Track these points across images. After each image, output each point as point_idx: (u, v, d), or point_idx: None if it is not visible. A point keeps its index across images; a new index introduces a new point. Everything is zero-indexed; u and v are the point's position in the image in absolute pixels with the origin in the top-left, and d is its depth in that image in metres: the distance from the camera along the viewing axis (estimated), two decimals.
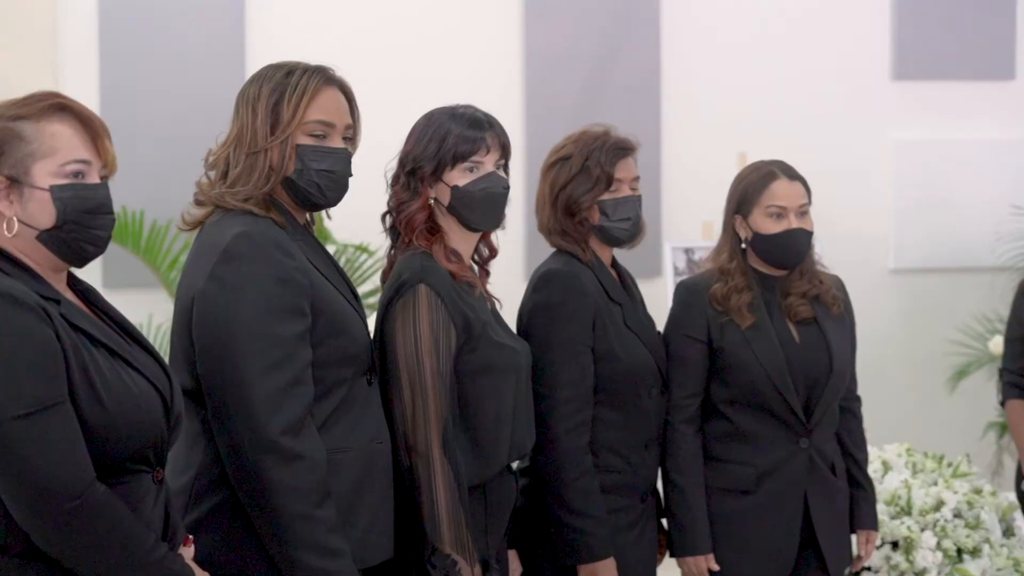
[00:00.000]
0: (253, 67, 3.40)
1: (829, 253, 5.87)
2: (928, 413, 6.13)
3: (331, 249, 5.07)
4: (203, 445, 2.46)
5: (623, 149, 3.15)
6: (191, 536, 2.32)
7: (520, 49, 5.99)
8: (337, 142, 2.58)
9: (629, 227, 3.15)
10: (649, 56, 6.16)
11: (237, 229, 2.44)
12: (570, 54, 6.03)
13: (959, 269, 6.25)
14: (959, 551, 3.76)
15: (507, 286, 3.18)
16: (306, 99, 2.52)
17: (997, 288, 5.78)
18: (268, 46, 5.40)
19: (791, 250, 3.25)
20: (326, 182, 2.57)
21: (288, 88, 2.52)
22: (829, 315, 3.31)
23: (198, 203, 2.57)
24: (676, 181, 6.04)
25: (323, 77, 2.56)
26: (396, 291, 2.75)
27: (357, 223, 3.70)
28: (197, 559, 2.29)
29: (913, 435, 5.46)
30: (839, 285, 3.40)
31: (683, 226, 5.81)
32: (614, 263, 3.25)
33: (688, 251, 5.33)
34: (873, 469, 3.97)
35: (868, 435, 4.54)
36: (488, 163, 2.82)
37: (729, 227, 3.32)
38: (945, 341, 5.99)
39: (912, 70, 6.39)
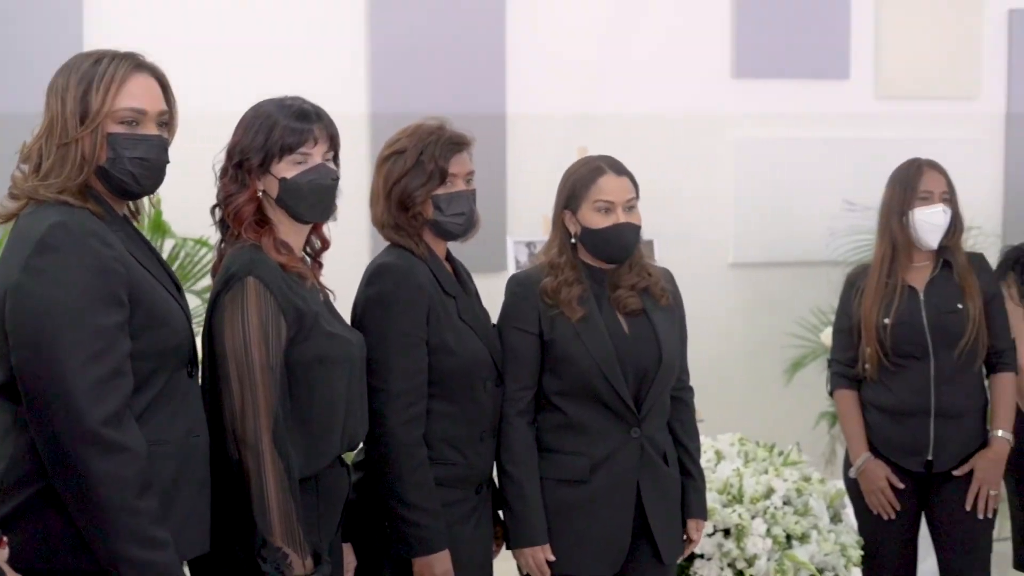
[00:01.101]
0: None
1: (671, 248, 6.04)
2: (766, 404, 6.26)
3: (170, 243, 5.00)
4: (13, 438, 2.41)
5: (457, 144, 3.16)
6: (4, 538, 2.26)
7: (364, 43, 5.95)
8: (150, 129, 2.55)
9: (463, 222, 3.17)
10: (494, 51, 6.18)
11: (52, 219, 2.40)
12: (415, 48, 6.01)
13: (796, 263, 6.40)
14: (788, 537, 3.85)
15: (354, 281, 3.17)
16: (115, 86, 2.49)
17: (831, 282, 5.92)
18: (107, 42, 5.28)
19: (619, 244, 3.29)
20: (140, 170, 2.53)
21: (96, 76, 2.49)
22: (658, 307, 3.36)
23: (12, 196, 2.52)
24: (520, 176, 6.08)
25: (132, 63, 2.53)
26: (224, 284, 2.73)
27: (197, 217, 3.65)
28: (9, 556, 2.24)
29: (751, 425, 5.57)
30: (668, 277, 3.45)
31: (527, 220, 5.85)
32: (449, 256, 3.27)
33: (530, 245, 5.36)
34: (707, 459, 4.05)
35: (709, 425, 4.65)
36: (316, 155, 2.81)
37: (559, 222, 3.35)
38: (782, 334, 6.12)
39: (751, 69, 6.52)
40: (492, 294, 3.40)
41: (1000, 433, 3.88)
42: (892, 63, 6.70)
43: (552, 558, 3.26)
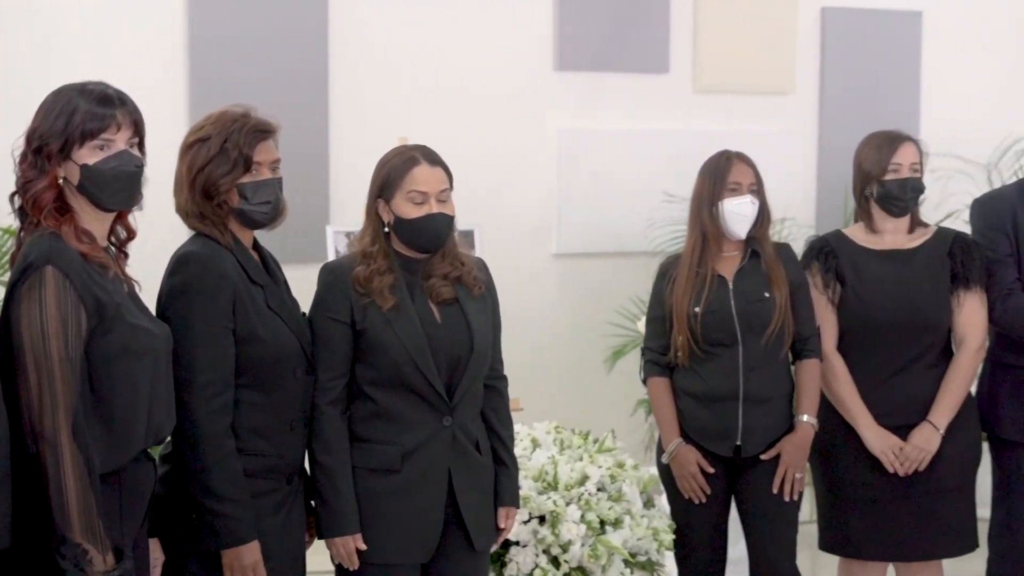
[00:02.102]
0: None
1: (493, 238, 6.07)
2: (588, 392, 6.35)
3: None
4: None
5: (263, 131, 3.13)
6: None
7: (183, 32, 5.85)
8: None
9: (269, 210, 3.14)
10: (316, 40, 6.13)
11: None
12: (235, 38, 5.94)
13: (617, 254, 6.49)
14: (602, 523, 3.90)
15: None
16: None
17: (651, 272, 6.02)
18: None
19: (432, 234, 3.30)
20: None
21: None
22: (471, 296, 3.38)
23: None
24: (342, 165, 6.05)
25: None
26: (22, 273, 2.66)
27: (4, 206, 3.56)
28: None
29: (574, 413, 5.65)
30: (481, 267, 3.47)
31: (350, 210, 5.82)
32: (256, 245, 3.23)
33: (349, 235, 5.33)
34: (522, 447, 4.08)
35: (531, 414, 4.69)
36: (119, 141, 2.76)
37: (372, 211, 3.35)
38: (604, 323, 6.21)
39: (573, 61, 6.59)
40: (311, 284, 3.38)
41: (805, 418, 3.99)
42: (710, 58, 6.85)
43: (363, 547, 3.26)
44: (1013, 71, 7.15)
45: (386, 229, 3.33)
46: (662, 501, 4.15)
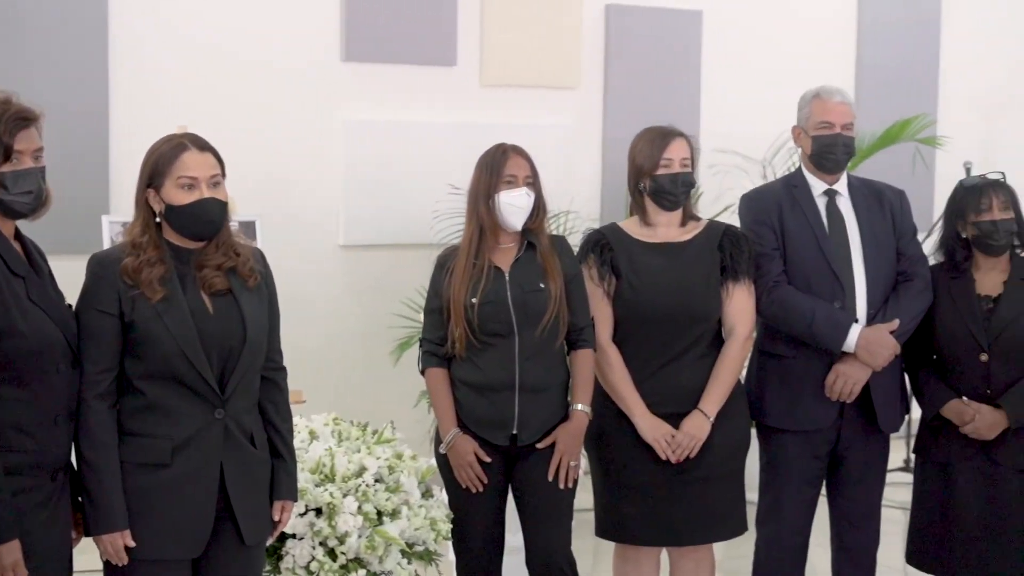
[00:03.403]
0: None
1: (279, 230, 6.02)
2: (376, 383, 6.36)
3: None
4: None
5: (24, 119, 3.04)
6: None
7: None
8: None
9: (31, 200, 3.06)
10: (96, 23, 5.99)
11: None
12: (10, 19, 5.76)
13: (403, 245, 6.51)
14: (380, 514, 3.91)
15: None
16: None
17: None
18: None
19: (204, 220, 3.26)
20: None
21: None
22: (245, 287, 3.34)
23: None
24: (123, 154, 5.92)
25: None
26: None
27: None
28: None
29: (362, 404, 5.66)
30: (258, 257, 3.44)
31: (131, 200, 5.70)
32: (18, 235, 3.14)
33: (125, 225, 5.23)
34: (300, 439, 4.06)
35: (319, 405, 4.66)
36: None
37: (141, 200, 3.29)
38: (391, 314, 6.22)
39: (361, 53, 6.58)
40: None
41: (580, 407, 4.06)
42: (496, 52, 6.92)
43: (132, 544, 3.19)
44: (789, 70, 7.41)
45: (157, 219, 3.27)
46: (441, 491, 4.17)
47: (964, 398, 4.19)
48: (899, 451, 6.17)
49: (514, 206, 4.02)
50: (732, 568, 5.32)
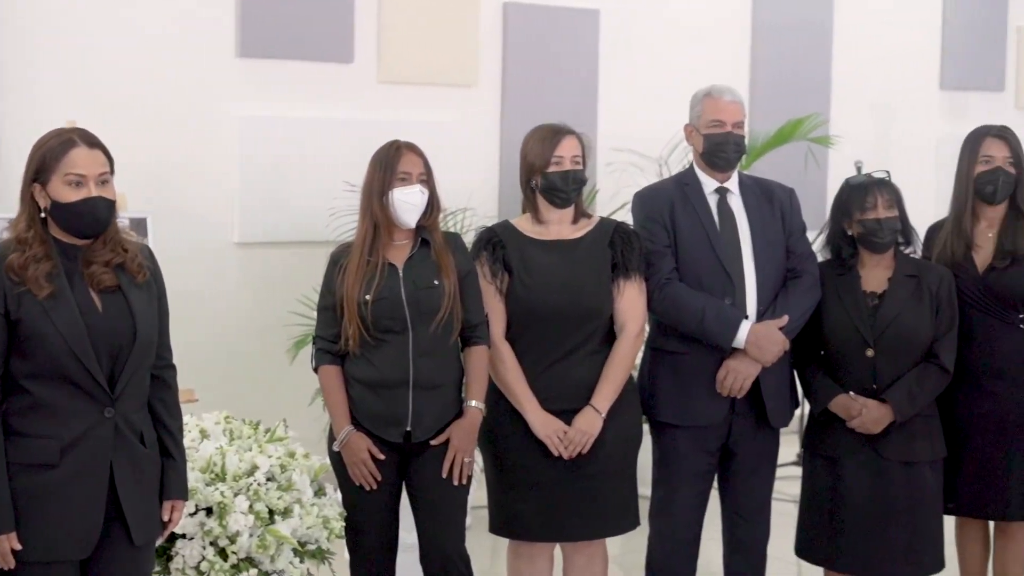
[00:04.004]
0: None
1: (172, 226, 5.95)
2: (273, 381, 6.31)
3: None
4: None
5: None
6: None
7: None
8: None
9: None
10: None
11: None
12: None
13: (300, 243, 6.48)
14: (271, 513, 3.88)
15: None
16: None
17: None
18: None
19: (91, 218, 3.21)
20: None
21: None
22: (134, 284, 3.29)
23: None
24: (13, 148, 5.81)
25: None
26: None
27: None
28: None
29: (257, 404, 5.59)
30: (147, 254, 3.40)
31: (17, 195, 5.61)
32: None
33: (11, 220, 5.14)
34: (191, 438, 4.02)
35: (214, 404, 4.61)
36: None
37: (27, 196, 3.24)
38: (287, 312, 6.17)
39: (256, 48, 6.52)
40: None
41: (473, 403, 4.07)
42: (394, 49, 6.91)
43: (18, 546, 3.14)
44: (685, 69, 7.48)
45: (43, 215, 3.22)
46: (334, 490, 4.15)
47: (851, 393, 4.27)
48: (792, 446, 6.27)
49: (408, 203, 4.02)
50: (628, 563, 5.37)
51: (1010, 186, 4.44)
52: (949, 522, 4.54)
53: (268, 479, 3.94)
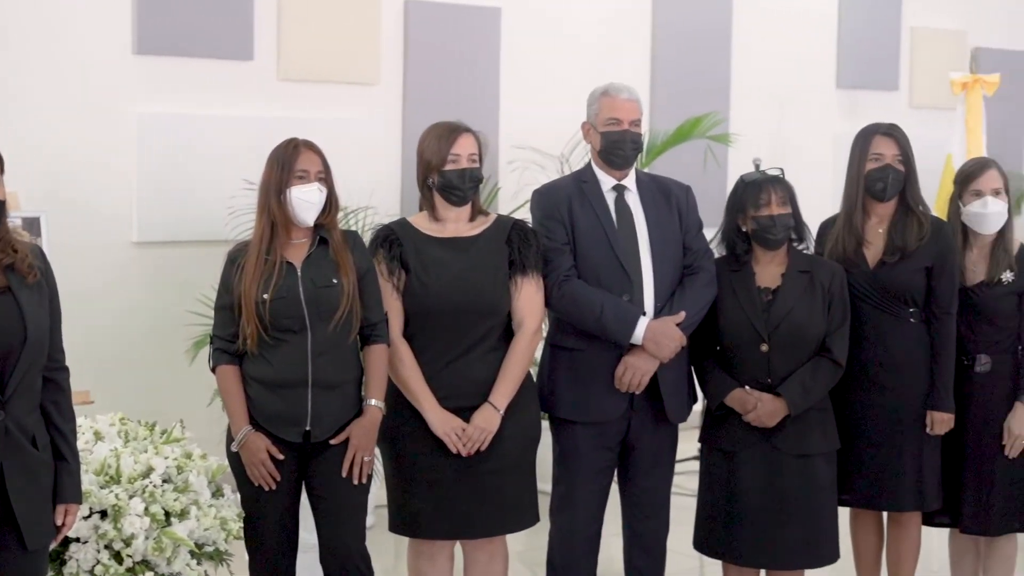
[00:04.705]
0: None
1: (69, 225, 5.87)
2: (173, 382, 6.24)
3: None
4: None
5: None
6: None
7: None
8: None
9: None
10: None
11: None
12: None
13: (199, 242, 6.41)
14: (168, 514, 3.84)
15: None
16: None
17: None
18: None
19: None
20: None
21: None
22: (25, 284, 3.24)
23: None
24: None
25: None
26: None
27: None
28: None
29: (157, 405, 5.54)
30: (37, 253, 3.34)
31: None
32: None
33: None
34: (85, 440, 3.97)
35: (112, 405, 4.55)
36: None
37: None
38: (187, 312, 6.11)
39: (154, 46, 6.45)
40: None
41: (373, 402, 4.07)
42: (294, 46, 6.87)
43: None
44: (586, 67, 7.53)
45: None
46: (232, 491, 4.12)
47: (747, 387, 4.33)
48: (694, 441, 6.31)
49: (306, 201, 4.01)
50: (531, 560, 5.40)
51: (899, 183, 4.54)
52: (844, 513, 4.62)
53: (164, 481, 3.90)
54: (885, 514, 4.75)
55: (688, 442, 4.67)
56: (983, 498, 4.59)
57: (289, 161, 4.03)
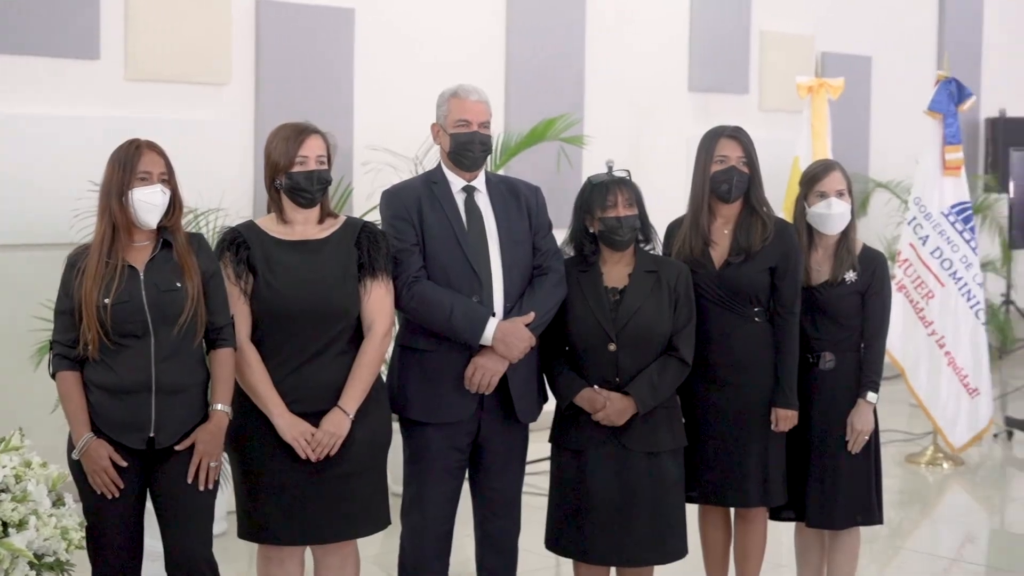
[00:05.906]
0: None
1: None
2: (14, 390, 6.09)
3: None
4: None
5: None
6: None
7: None
8: None
9: None
10: None
11: None
12: None
13: (43, 245, 6.26)
14: (5, 525, 3.74)
15: None
16: None
17: None
18: None
19: None
20: None
21: None
22: None
23: None
24: None
25: None
26: None
27: None
28: None
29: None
30: None
31: None
32: None
33: None
34: None
35: None
36: None
37: None
38: (30, 317, 5.96)
39: None
40: None
41: (220, 407, 4.00)
42: (143, 46, 6.75)
43: None
44: (440, 68, 7.52)
45: None
46: (74, 500, 4.03)
47: (595, 387, 4.37)
48: (545, 440, 6.35)
49: (148, 203, 3.94)
50: (387, 562, 5.37)
51: (744, 185, 4.62)
52: (692, 510, 4.68)
53: (2, 490, 3.79)
54: (732, 510, 4.83)
55: (540, 442, 4.70)
56: (827, 493, 4.70)
57: (131, 162, 3.96)
